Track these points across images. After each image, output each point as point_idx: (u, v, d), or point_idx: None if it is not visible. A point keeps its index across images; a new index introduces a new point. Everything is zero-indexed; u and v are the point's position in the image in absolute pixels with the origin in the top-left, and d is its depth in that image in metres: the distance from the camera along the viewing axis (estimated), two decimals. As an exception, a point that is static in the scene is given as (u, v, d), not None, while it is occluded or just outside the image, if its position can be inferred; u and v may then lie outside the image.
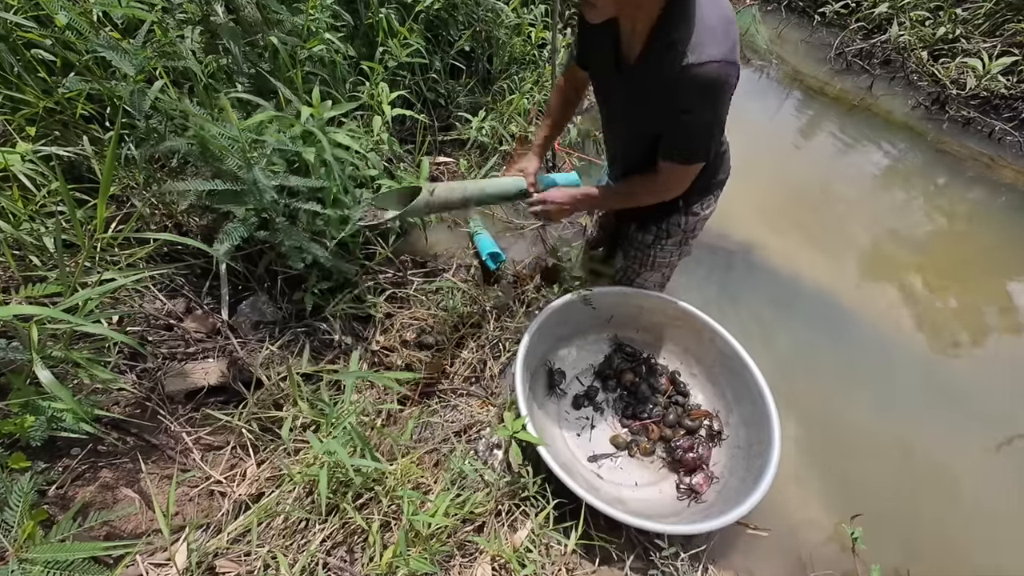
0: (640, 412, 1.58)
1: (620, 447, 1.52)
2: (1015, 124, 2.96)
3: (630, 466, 1.50)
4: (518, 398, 1.32)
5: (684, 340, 1.70)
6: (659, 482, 1.46)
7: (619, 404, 1.63)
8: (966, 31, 3.32)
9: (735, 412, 1.55)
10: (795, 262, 2.27)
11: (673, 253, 1.54)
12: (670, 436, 1.52)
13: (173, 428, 1.25)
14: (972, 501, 1.58)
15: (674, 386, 1.65)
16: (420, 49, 2.13)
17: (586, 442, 1.54)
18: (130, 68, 1.13)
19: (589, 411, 1.61)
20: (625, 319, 1.72)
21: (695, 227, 1.45)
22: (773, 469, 1.29)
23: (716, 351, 1.60)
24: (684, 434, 1.54)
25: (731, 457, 1.47)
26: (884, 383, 1.88)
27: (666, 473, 1.48)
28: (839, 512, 1.49)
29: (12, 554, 0.64)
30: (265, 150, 1.24)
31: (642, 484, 1.45)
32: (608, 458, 1.50)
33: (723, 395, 1.61)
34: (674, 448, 1.47)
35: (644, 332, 1.74)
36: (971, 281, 2.28)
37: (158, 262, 1.65)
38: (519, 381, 1.36)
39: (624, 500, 1.38)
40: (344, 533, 1.14)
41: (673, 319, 1.66)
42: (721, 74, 0.94)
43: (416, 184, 1.38)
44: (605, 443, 1.54)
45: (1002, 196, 2.71)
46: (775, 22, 4.11)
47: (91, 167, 1.52)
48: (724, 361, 1.58)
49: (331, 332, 1.66)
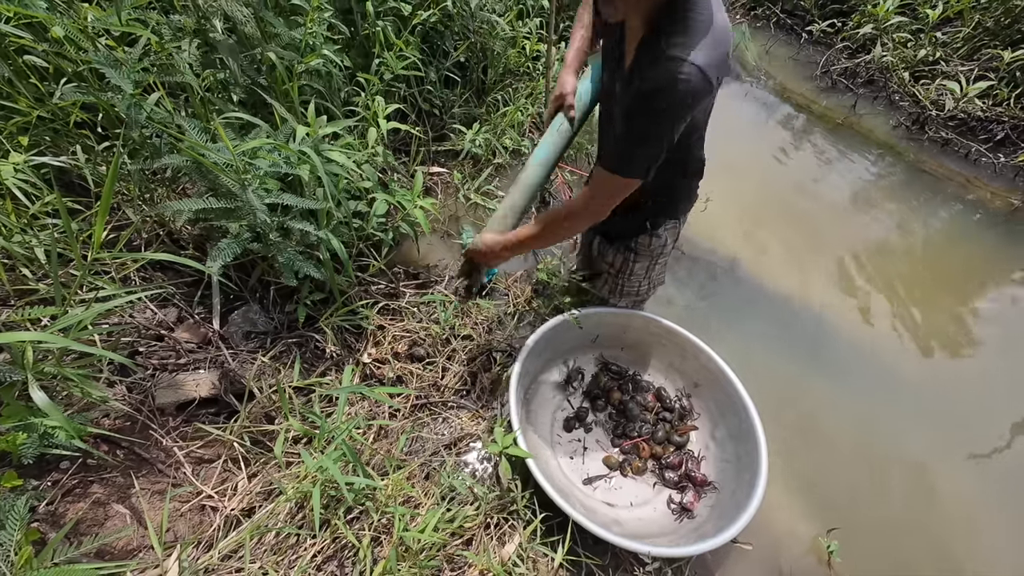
0: (630, 430, 1.60)
1: (613, 467, 1.55)
2: (990, 146, 3.06)
3: (625, 485, 1.52)
4: (512, 418, 1.34)
5: (668, 356, 1.73)
6: (653, 499, 1.49)
7: (609, 424, 1.65)
8: (945, 54, 3.43)
9: (721, 426, 1.59)
10: (774, 274, 2.33)
11: (642, 281, 1.55)
12: (660, 453, 1.56)
13: (164, 442, 1.25)
14: (950, 515, 1.64)
15: (660, 402, 1.69)
16: (416, 62, 2.15)
17: (580, 465, 1.56)
18: (128, 85, 1.13)
19: (580, 433, 1.63)
20: (610, 338, 1.75)
21: (663, 251, 1.44)
22: (763, 482, 1.31)
23: (700, 366, 1.64)
24: (674, 450, 1.57)
25: (721, 471, 1.51)
26: (862, 395, 1.94)
27: (660, 489, 1.51)
28: (818, 525, 1.54)
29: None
30: (259, 172, 1.25)
31: (637, 503, 1.48)
32: (603, 479, 1.52)
33: (708, 409, 1.65)
34: (665, 466, 1.51)
35: (629, 350, 1.78)
36: (945, 296, 2.37)
37: (150, 271, 1.65)
38: (513, 402, 1.38)
39: (621, 521, 1.40)
40: (335, 548, 1.16)
41: (657, 337, 1.70)
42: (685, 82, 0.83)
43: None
44: (598, 464, 1.56)
45: (976, 214, 2.81)
46: (764, 39, 4.20)
47: (82, 175, 1.51)
48: (708, 376, 1.62)
49: (323, 344, 1.67)
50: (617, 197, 1.04)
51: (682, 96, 0.85)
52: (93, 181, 1.48)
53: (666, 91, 0.85)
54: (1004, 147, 3.05)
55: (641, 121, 0.92)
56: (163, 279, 1.63)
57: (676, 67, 0.84)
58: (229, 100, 1.61)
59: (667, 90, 0.85)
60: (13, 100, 1.39)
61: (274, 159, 1.29)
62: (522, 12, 2.83)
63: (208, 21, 1.40)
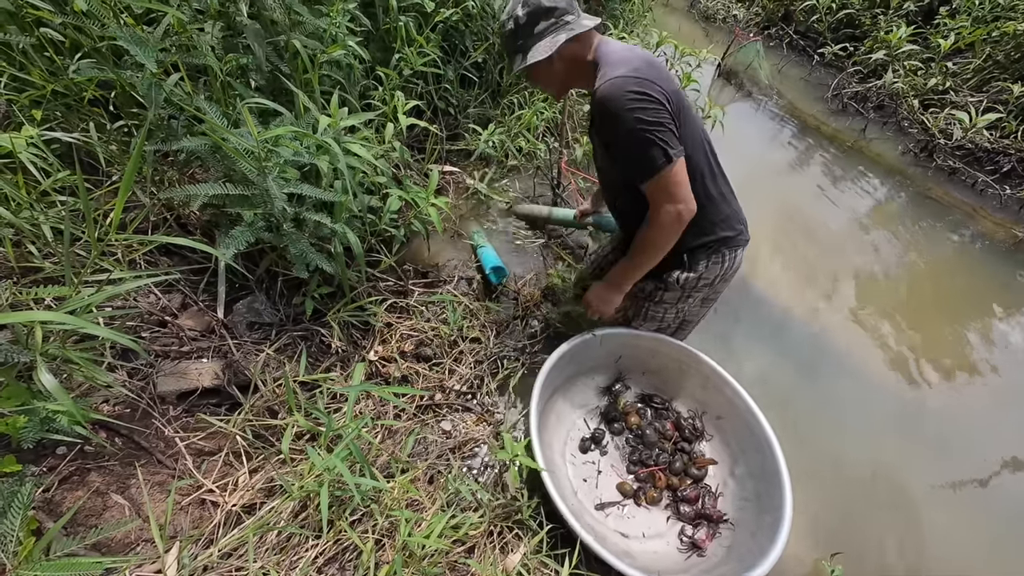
0: (646, 458, 1.55)
1: (627, 495, 1.48)
2: (996, 177, 3.10)
3: (638, 514, 1.46)
4: (531, 425, 1.29)
5: (691, 386, 1.66)
6: (666, 533, 1.42)
7: (625, 449, 1.59)
8: (955, 84, 3.47)
9: (741, 463, 1.51)
10: (778, 290, 2.34)
11: (668, 310, 1.52)
12: (676, 484, 1.49)
13: (165, 431, 1.21)
14: (953, 541, 1.63)
15: (679, 432, 1.62)
16: (436, 59, 2.13)
17: (592, 488, 1.49)
18: (152, 63, 1.10)
19: (596, 455, 1.57)
20: (633, 361, 1.69)
21: (696, 285, 1.42)
22: (787, 525, 1.22)
23: (724, 400, 1.56)
24: (691, 483, 1.51)
25: (739, 509, 1.43)
26: (867, 419, 1.94)
27: (674, 524, 1.45)
28: (822, 548, 1.53)
29: (11, 570, 0.61)
30: (280, 159, 1.23)
31: (650, 535, 1.41)
32: (615, 506, 1.46)
33: (728, 444, 1.58)
34: (681, 499, 1.45)
35: (651, 375, 1.71)
36: (947, 322, 2.38)
37: (156, 255, 1.61)
38: (534, 409, 1.33)
39: (632, 553, 1.34)
40: (336, 550, 1.13)
41: (681, 363, 1.63)
42: (616, 84, 1.08)
43: None
44: (612, 490, 1.50)
45: (979, 244, 2.84)
46: (776, 58, 4.23)
47: (91, 152, 1.47)
48: (731, 410, 1.55)
49: (329, 339, 1.64)
50: (679, 188, 1.16)
51: (619, 90, 1.08)
52: (104, 159, 1.45)
53: (609, 97, 1.10)
54: (1010, 179, 3.09)
55: (622, 131, 1.12)
56: (169, 264, 1.59)
57: (603, 83, 1.12)
58: (248, 85, 1.58)
59: (608, 97, 1.10)
60: (27, 72, 1.36)
61: (296, 147, 1.26)
62: (542, 16, 2.82)
63: (234, 4, 1.37)
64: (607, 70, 1.15)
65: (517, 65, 1.27)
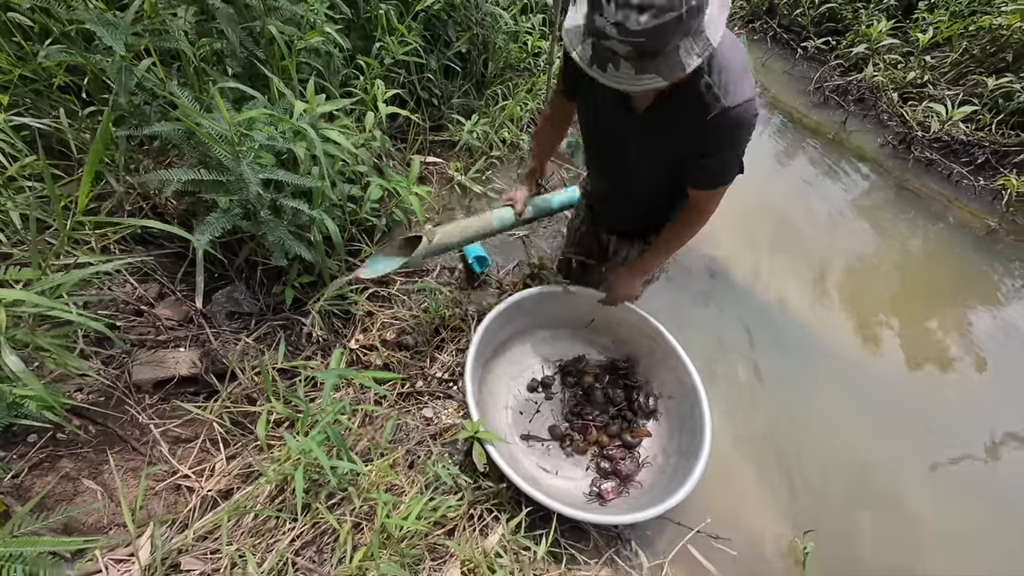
0: (586, 414, 1.63)
1: (555, 437, 1.58)
2: (971, 169, 3.15)
3: (557, 456, 1.55)
4: (472, 343, 1.38)
5: (653, 361, 1.69)
6: (578, 480, 1.51)
7: (570, 401, 1.67)
8: (933, 77, 3.52)
9: (675, 440, 1.55)
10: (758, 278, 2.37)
11: (655, 273, 1.59)
12: (606, 443, 1.57)
13: (140, 419, 1.21)
14: (922, 520, 1.68)
15: (628, 402, 1.67)
16: (418, 48, 2.12)
17: (525, 422, 1.60)
18: (120, 47, 1.09)
19: (540, 397, 1.67)
20: (605, 326, 1.75)
21: None
22: (679, 496, 1.29)
23: (676, 379, 1.60)
24: (620, 446, 1.57)
25: (655, 479, 1.50)
26: (844, 403, 1.98)
27: (589, 475, 1.53)
28: (796, 526, 1.57)
29: (-28, 548, 0.61)
30: (254, 144, 1.22)
31: (562, 475, 1.51)
32: (540, 442, 1.56)
33: (671, 421, 1.61)
34: (604, 456, 1.54)
35: (620, 344, 1.77)
36: (922, 309, 2.43)
37: (131, 243, 1.59)
38: (474, 346, 1.42)
39: (539, 482, 1.43)
40: (314, 533, 1.13)
41: (649, 339, 1.66)
42: (752, 113, 1.02)
43: (417, 234, 1.43)
44: (543, 429, 1.60)
45: (956, 234, 2.90)
46: (760, 52, 4.26)
47: (63, 139, 1.45)
48: (680, 390, 1.59)
49: (309, 327, 1.64)
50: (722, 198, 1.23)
51: (752, 119, 1.04)
52: (76, 147, 1.43)
53: (745, 125, 1.04)
54: (984, 171, 3.15)
55: (731, 154, 1.10)
56: (145, 252, 1.58)
57: (743, 104, 0.99)
58: (224, 72, 1.57)
59: (745, 124, 1.03)
60: (-6, 57, 1.33)
61: (271, 132, 1.26)
62: (526, 7, 2.82)
63: (207, -12, 1.35)
64: (730, 77, 0.97)
65: (697, 49, 0.85)
